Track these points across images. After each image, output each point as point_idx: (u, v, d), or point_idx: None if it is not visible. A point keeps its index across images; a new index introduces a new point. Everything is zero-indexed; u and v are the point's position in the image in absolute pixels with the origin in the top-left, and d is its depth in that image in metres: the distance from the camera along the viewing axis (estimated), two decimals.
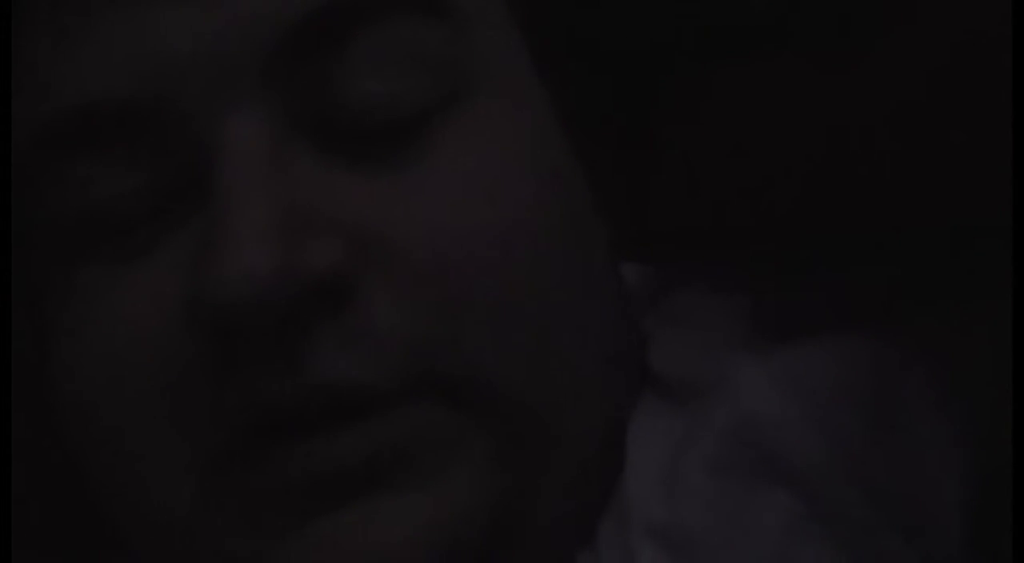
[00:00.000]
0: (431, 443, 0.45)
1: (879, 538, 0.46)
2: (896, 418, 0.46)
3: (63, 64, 0.46)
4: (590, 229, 0.49)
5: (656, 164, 0.48)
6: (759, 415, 0.47)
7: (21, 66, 0.48)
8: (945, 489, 0.46)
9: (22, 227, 0.49)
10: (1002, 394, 0.43)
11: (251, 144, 0.45)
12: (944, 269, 0.46)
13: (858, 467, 0.46)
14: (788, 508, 0.46)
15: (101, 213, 0.47)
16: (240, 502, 0.46)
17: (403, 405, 0.45)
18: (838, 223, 0.47)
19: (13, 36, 0.48)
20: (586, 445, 0.48)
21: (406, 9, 0.46)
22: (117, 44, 0.46)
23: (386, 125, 0.46)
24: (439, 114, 0.46)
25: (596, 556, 0.48)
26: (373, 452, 0.45)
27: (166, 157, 0.46)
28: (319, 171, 0.46)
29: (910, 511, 0.46)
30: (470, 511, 0.45)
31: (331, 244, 0.45)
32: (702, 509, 0.47)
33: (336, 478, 0.45)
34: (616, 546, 0.48)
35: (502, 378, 0.46)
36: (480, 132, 0.47)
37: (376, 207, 0.46)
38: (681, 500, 0.47)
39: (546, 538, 0.47)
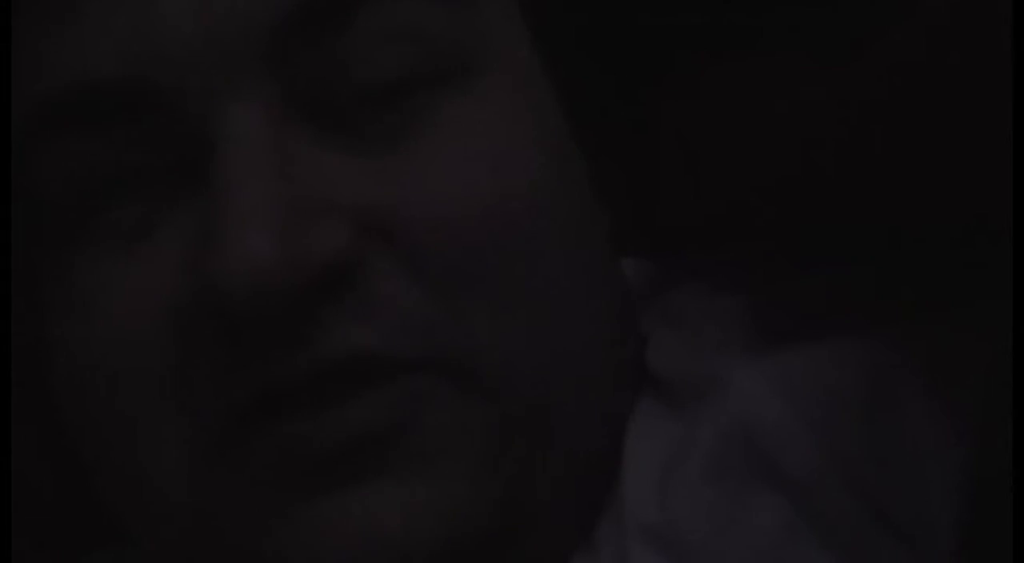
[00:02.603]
0: (433, 425, 0.45)
1: (872, 542, 0.46)
2: (892, 422, 0.46)
3: (60, 43, 0.46)
4: (592, 217, 0.49)
5: (656, 155, 0.48)
6: (755, 418, 0.47)
7: (18, 44, 0.47)
8: (940, 494, 0.45)
9: (20, 208, 0.48)
10: (999, 398, 0.43)
11: (251, 129, 0.45)
12: (942, 271, 0.46)
13: (853, 471, 0.46)
14: (782, 511, 0.46)
15: (99, 194, 0.46)
16: (239, 482, 0.46)
17: (409, 374, 0.45)
18: (837, 218, 0.47)
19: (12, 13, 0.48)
20: (585, 433, 0.48)
21: None
22: (115, 24, 0.45)
23: (388, 105, 0.46)
24: (441, 94, 0.46)
25: (593, 556, 0.48)
26: (374, 428, 0.45)
27: (165, 139, 0.46)
28: (321, 154, 0.46)
29: (904, 515, 0.45)
30: (471, 501, 0.45)
31: (335, 228, 0.45)
32: (697, 511, 0.47)
33: (336, 457, 0.45)
34: (612, 546, 0.47)
35: (503, 357, 0.46)
36: (482, 112, 0.47)
37: (379, 187, 0.46)
38: (676, 502, 0.47)
39: (545, 532, 0.47)
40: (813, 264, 0.48)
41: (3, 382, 0.50)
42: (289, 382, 0.45)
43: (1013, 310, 0.42)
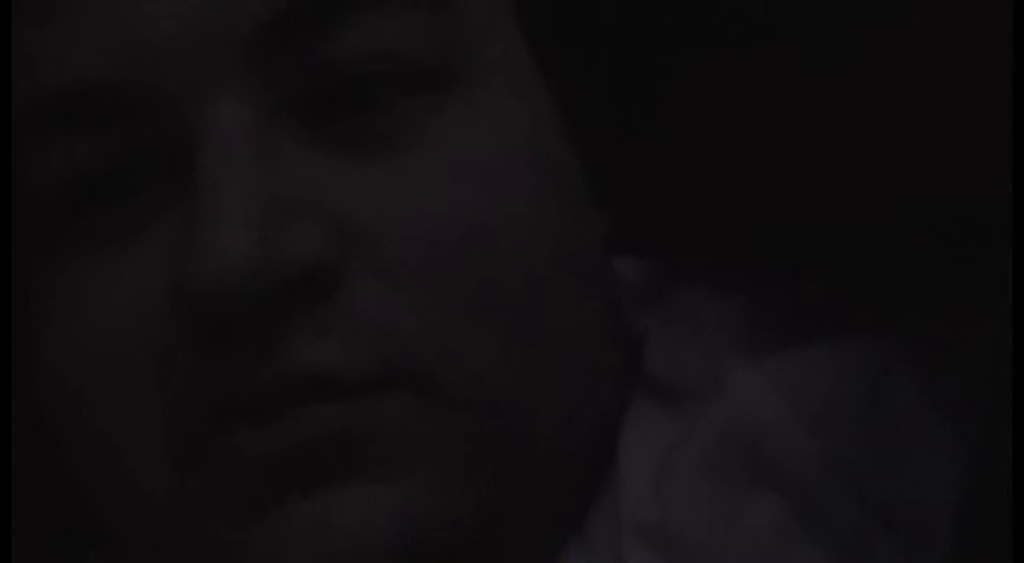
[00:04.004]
0: (402, 436, 0.45)
1: (869, 542, 0.46)
2: (890, 423, 0.46)
3: (45, 44, 0.46)
4: (585, 222, 0.49)
5: (655, 154, 0.48)
6: (753, 418, 0.47)
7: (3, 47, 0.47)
8: (937, 494, 0.45)
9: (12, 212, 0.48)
10: (999, 397, 0.43)
11: (233, 129, 0.44)
12: (942, 271, 0.46)
13: (851, 471, 0.46)
14: (780, 510, 0.46)
15: (84, 196, 0.46)
16: (212, 488, 0.45)
17: (376, 394, 0.45)
18: (837, 218, 0.46)
19: None
20: (569, 447, 0.47)
21: None
22: (100, 25, 0.45)
23: (375, 112, 0.46)
24: (431, 102, 0.46)
25: (589, 554, 0.48)
26: (342, 432, 0.44)
27: (149, 141, 0.46)
28: (305, 157, 0.45)
29: (902, 516, 0.45)
30: (442, 509, 0.45)
31: (313, 231, 0.44)
32: (694, 510, 0.47)
33: (303, 461, 0.44)
34: (607, 546, 0.47)
35: (477, 372, 0.45)
36: (472, 121, 0.46)
37: (363, 194, 0.45)
38: (673, 501, 0.47)
39: (532, 530, 0.47)
40: (813, 264, 0.48)
41: (3, 383, 0.50)
42: (257, 396, 0.44)
43: (1013, 310, 0.42)
